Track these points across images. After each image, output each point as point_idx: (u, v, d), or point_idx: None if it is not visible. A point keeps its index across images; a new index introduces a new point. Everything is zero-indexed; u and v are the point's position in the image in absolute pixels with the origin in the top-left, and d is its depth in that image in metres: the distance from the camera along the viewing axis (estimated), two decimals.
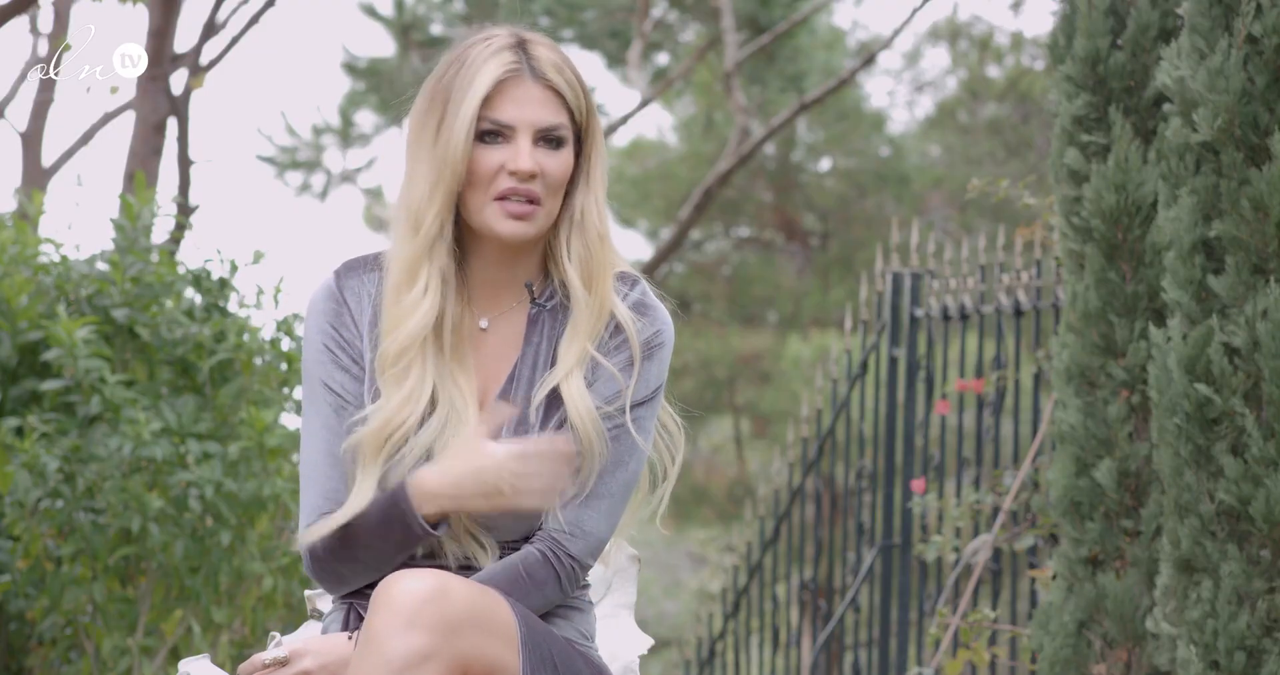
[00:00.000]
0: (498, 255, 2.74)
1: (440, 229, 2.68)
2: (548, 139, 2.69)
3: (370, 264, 2.77)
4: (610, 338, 2.73)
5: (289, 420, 5.67)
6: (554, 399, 2.72)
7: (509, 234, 2.68)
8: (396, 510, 2.63)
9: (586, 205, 2.73)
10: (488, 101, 2.67)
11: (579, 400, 2.68)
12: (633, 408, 2.71)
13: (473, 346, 2.76)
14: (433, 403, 2.69)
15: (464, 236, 2.74)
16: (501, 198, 2.67)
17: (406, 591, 2.49)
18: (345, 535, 2.66)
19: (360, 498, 2.67)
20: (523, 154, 2.67)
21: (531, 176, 2.67)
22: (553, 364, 2.73)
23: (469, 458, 2.63)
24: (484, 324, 2.76)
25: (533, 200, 2.68)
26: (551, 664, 2.60)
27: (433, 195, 2.68)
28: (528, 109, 2.68)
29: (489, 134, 2.68)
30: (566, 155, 2.71)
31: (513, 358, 2.75)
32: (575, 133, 2.73)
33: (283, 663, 2.63)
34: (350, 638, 2.66)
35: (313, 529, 2.67)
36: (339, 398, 2.72)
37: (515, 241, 2.69)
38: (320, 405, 2.72)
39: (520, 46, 2.71)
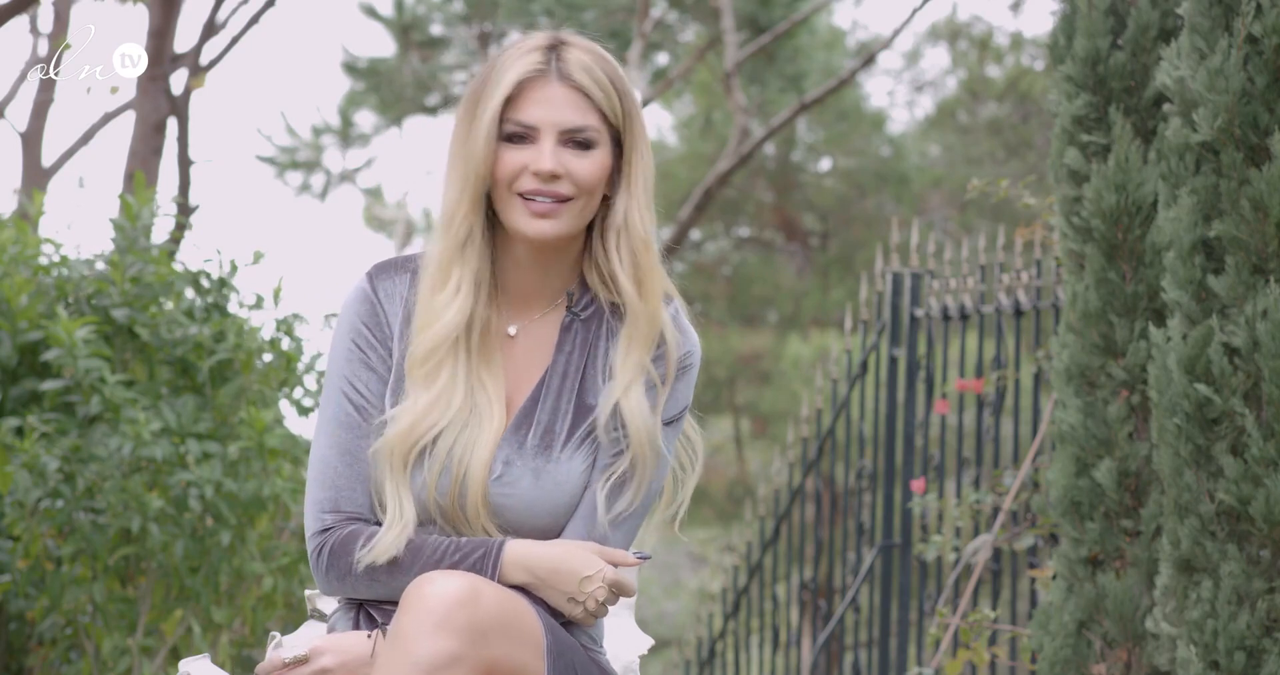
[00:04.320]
0: (530, 259, 2.72)
1: (469, 230, 2.68)
2: (575, 141, 2.66)
3: (403, 266, 2.76)
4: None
5: (289, 420, 5.67)
6: (582, 410, 2.72)
7: (534, 233, 2.66)
8: (481, 564, 2.62)
9: (630, 210, 2.70)
10: (513, 103, 2.66)
11: (638, 415, 2.68)
12: (661, 427, 2.72)
13: (500, 352, 2.74)
14: (461, 403, 2.68)
15: (497, 240, 2.73)
16: (525, 197, 2.66)
17: (438, 594, 2.48)
18: (398, 564, 2.65)
19: (403, 517, 2.65)
20: (545, 155, 2.64)
21: (554, 177, 2.65)
22: (602, 374, 2.72)
23: (577, 559, 2.63)
24: (512, 331, 2.75)
25: (560, 198, 2.65)
26: (573, 672, 2.60)
27: (461, 196, 2.67)
28: (551, 110, 2.66)
29: (515, 135, 2.66)
30: (599, 157, 2.67)
31: (542, 366, 2.74)
32: (614, 136, 2.69)
33: (302, 661, 2.63)
34: (369, 637, 2.65)
35: (376, 551, 2.64)
36: (361, 397, 2.70)
37: (540, 240, 2.67)
38: (340, 402, 2.71)
39: (552, 48, 2.69)
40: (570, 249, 2.73)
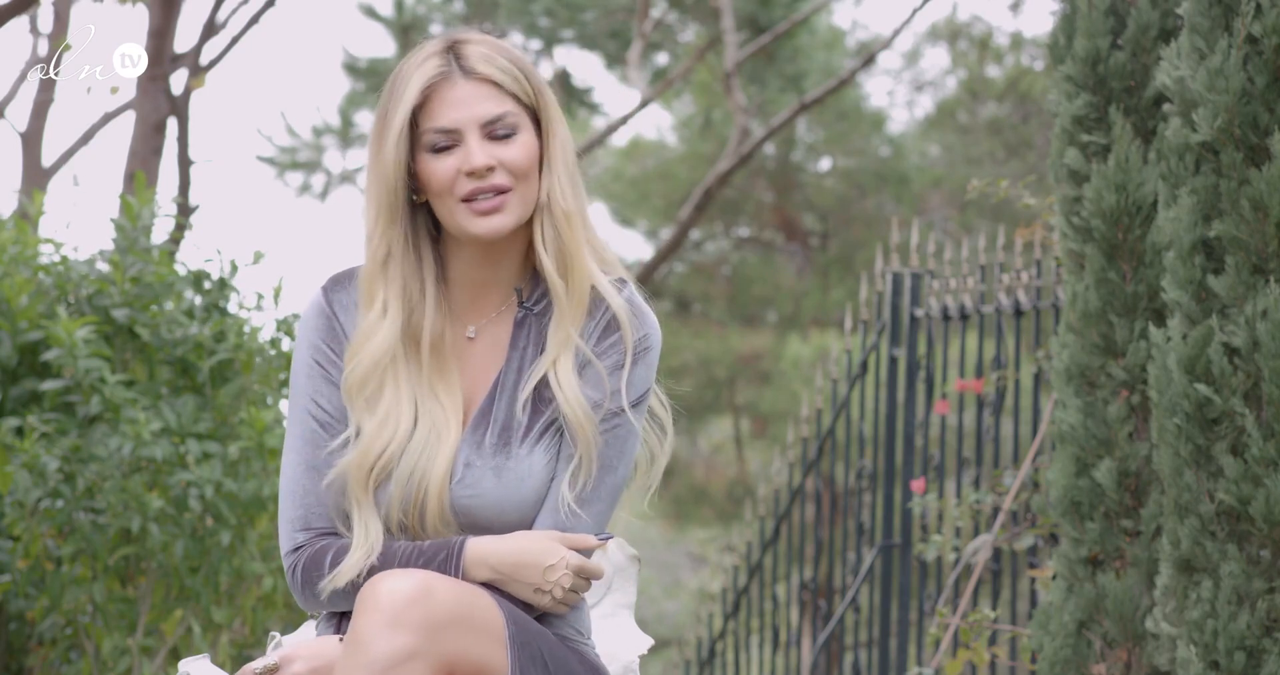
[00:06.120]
0: (480, 257, 2.71)
1: (388, 248, 2.68)
2: (498, 131, 2.66)
3: (355, 277, 2.75)
4: (602, 337, 2.71)
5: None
6: (541, 401, 2.71)
7: (486, 232, 2.65)
8: (444, 566, 2.62)
9: (551, 187, 2.69)
10: (427, 112, 2.66)
11: (567, 387, 2.66)
12: (621, 413, 2.70)
13: (459, 356, 2.73)
14: (414, 422, 2.68)
15: (445, 244, 2.73)
16: (468, 200, 2.66)
17: (390, 592, 2.49)
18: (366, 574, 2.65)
19: (369, 537, 2.65)
20: (474, 152, 2.64)
21: (489, 170, 2.64)
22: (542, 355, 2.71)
23: (538, 550, 2.63)
24: (471, 333, 2.75)
25: (501, 190, 2.65)
26: (541, 662, 2.59)
27: (376, 214, 2.68)
28: (465, 108, 2.65)
29: (439, 145, 2.66)
30: (525, 140, 2.67)
31: (499, 364, 2.73)
32: (533, 117, 2.70)
33: (274, 669, 2.63)
34: (341, 640, 2.66)
35: (338, 575, 2.65)
36: (325, 412, 2.71)
37: (494, 237, 2.66)
38: (304, 419, 2.72)
39: (449, 50, 2.68)
40: (517, 240, 2.72)
